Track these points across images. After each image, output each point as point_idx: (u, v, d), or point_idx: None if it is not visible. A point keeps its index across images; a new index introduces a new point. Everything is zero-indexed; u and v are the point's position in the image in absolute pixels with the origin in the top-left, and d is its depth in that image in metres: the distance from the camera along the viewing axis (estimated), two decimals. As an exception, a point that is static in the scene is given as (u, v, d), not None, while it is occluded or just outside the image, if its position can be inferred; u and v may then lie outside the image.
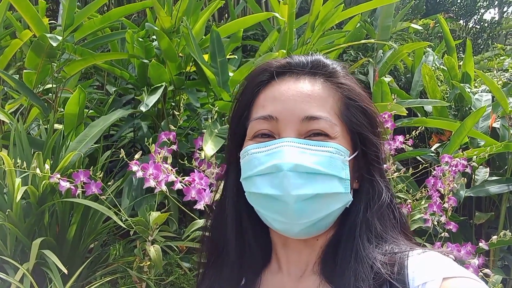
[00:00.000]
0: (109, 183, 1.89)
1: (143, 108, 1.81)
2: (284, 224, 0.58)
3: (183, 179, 1.25)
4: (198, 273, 0.72)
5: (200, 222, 1.45)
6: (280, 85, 0.61)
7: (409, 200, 1.78)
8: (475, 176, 2.25)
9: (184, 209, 1.47)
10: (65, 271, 1.45)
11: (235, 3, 4.53)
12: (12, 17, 2.92)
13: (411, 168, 1.83)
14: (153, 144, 1.25)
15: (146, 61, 2.11)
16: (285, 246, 0.63)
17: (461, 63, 3.35)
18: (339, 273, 0.57)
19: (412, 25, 4.16)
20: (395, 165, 1.66)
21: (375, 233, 0.59)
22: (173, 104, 2.52)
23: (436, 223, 1.66)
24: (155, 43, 2.43)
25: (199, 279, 0.71)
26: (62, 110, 2.50)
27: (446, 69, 3.21)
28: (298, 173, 0.55)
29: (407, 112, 2.13)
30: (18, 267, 1.56)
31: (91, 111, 2.58)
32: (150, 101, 1.83)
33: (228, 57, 2.88)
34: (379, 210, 0.60)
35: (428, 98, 2.97)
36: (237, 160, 0.63)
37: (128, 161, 1.28)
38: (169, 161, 1.27)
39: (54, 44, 1.97)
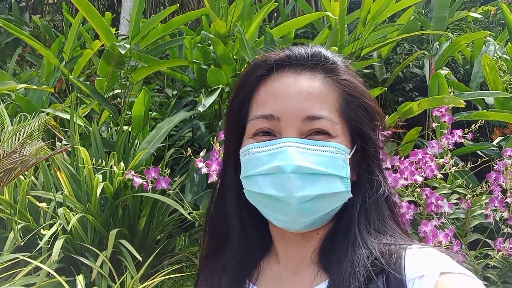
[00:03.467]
0: (176, 179, 2.04)
1: (201, 109, 1.94)
2: (286, 222, 0.59)
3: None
4: (199, 264, 0.72)
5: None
6: (280, 81, 0.60)
7: (469, 196, 1.75)
8: (542, 171, 2.14)
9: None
10: (140, 259, 1.61)
11: (284, 2, 4.58)
12: (83, 29, 3.21)
13: (469, 163, 1.79)
14: (217, 143, 1.36)
15: (204, 66, 2.25)
16: (284, 239, 0.63)
17: (526, 52, 3.16)
18: (335, 261, 0.57)
19: (471, 14, 3.97)
20: (453, 159, 1.64)
21: (373, 225, 0.59)
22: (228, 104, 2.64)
23: (497, 218, 1.62)
24: (211, 47, 2.57)
25: (198, 274, 0.71)
26: (129, 113, 2.72)
27: (509, 58, 3.05)
28: (300, 174, 0.56)
29: (465, 104, 2.07)
30: (97, 254, 1.75)
31: (154, 113, 2.77)
32: (207, 102, 1.96)
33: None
34: (376, 202, 0.60)
35: (489, 90, 2.84)
36: (236, 156, 0.62)
37: (194, 159, 1.40)
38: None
39: (123, 52, 2.15)
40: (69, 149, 2.16)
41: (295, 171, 0.56)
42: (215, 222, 0.68)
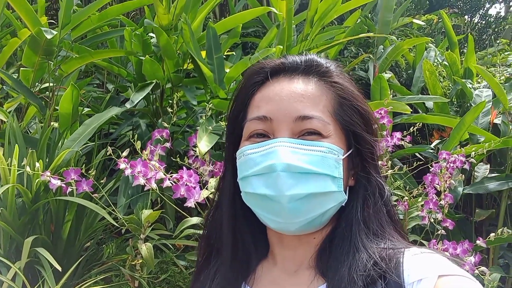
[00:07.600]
0: (106, 181, 1.88)
1: (128, 105, 1.81)
2: (279, 223, 0.59)
3: (171, 176, 1.24)
4: (195, 268, 0.73)
5: (193, 220, 1.44)
6: (275, 85, 0.62)
7: (406, 198, 1.75)
8: (475, 173, 2.22)
9: (176, 207, 1.46)
10: (59, 268, 1.45)
11: (235, 0, 4.50)
12: (12, 16, 2.92)
13: (405, 166, 1.80)
14: (139, 141, 1.25)
15: (143, 57, 2.11)
16: (281, 243, 0.64)
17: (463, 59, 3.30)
18: (333, 266, 0.57)
19: (415, 20, 4.11)
20: (390, 162, 1.63)
21: (372, 230, 0.60)
22: (170, 101, 2.51)
23: (432, 220, 1.63)
24: (153, 40, 2.42)
25: (193, 277, 0.73)
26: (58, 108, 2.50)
27: (448, 64, 3.17)
28: (291, 173, 0.56)
29: (411, 110, 2.10)
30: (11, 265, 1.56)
31: (88, 109, 2.57)
32: (136, 97, 1.83)
33: (226, 53, 2.87)
34: (375, 207, 0.61)
35: (429, 94, 2.93)
36: (234, 160, 0.64)
37: (116, 159, 1.27)
38: (156, 157, 1.26)
39: (49, 37, 1.95)
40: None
41: (286, 169, 0.56)
42: (211, 226, 0.69)
